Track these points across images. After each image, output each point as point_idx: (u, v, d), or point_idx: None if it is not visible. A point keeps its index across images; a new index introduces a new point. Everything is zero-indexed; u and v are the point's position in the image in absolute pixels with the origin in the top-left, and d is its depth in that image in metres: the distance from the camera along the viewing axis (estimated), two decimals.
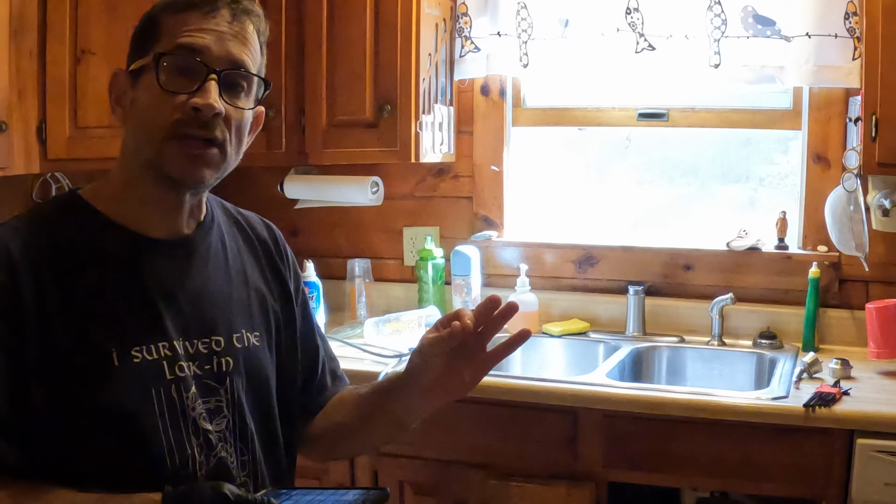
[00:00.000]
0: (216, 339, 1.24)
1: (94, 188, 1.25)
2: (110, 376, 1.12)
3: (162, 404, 1.16)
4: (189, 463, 1.17)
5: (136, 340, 1.15)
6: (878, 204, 2.35)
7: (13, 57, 2.39)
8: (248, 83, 1.21)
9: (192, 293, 1.24)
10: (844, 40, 2.36)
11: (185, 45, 1.15)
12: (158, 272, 1.21)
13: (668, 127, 2.70)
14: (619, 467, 2.11)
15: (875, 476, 1.90)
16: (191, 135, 1.16)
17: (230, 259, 1.32)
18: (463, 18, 2.71)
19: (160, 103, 1.16)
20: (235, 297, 1.29)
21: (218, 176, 1.24)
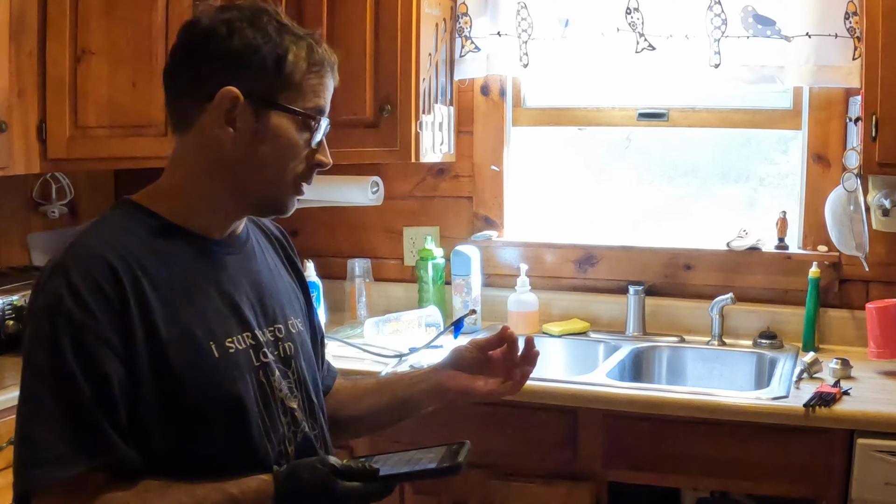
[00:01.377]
0: (279, 326, 1.34)
1: (149, 195, 1.31)
2: (213, 368, 1.21)
3: (255, 388, 1.25)
4: (283, 440, 1.28)
5: (227, 333, 1.25)
6: (878, 204, 2.35)
7: (13, 57, 2.39)
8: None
9: (254, 286, 1.33)
10: (844, 40, 2.36)
11: (319, 108, 1.28)
12: (226, 269, 1.30)
13: (668, 127, 2.70)
14: (619, 467, 2.11)
15: (875, 476, 1.90)
16: (309, 182, 1.31)
17: (265, 254, 1.42)
18: (463, 18, 2.71)
19: (298, 152, 1.27)
20: (280, 287, 1.40)
21: None
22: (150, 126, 2.66)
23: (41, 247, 2.97)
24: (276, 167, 1.27)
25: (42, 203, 2.94)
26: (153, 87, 2.64)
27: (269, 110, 1.24)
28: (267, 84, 1.23)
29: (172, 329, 1.18)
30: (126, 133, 2.63)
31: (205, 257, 1.28)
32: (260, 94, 1.23)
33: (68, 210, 3.02)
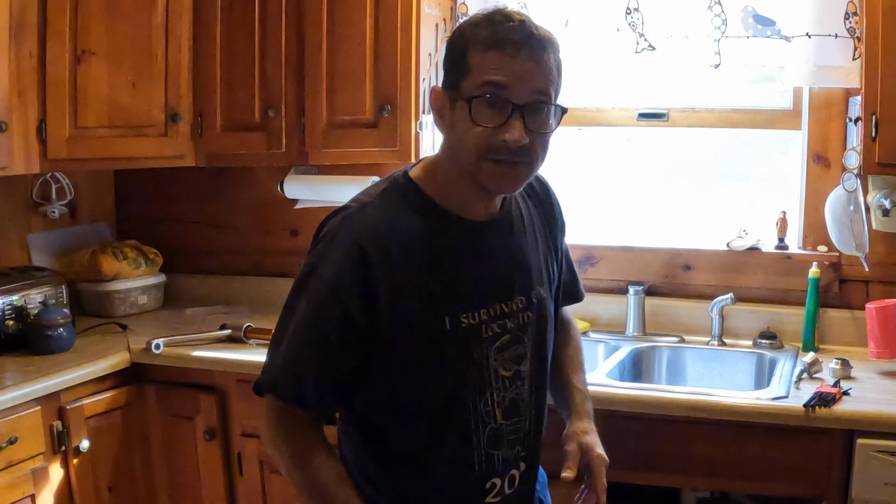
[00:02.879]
0: (521, 298, 1.50)
1: (424, 176, 1.47)
2: (444, 337, 1.40)
3: (475, 358, 1.44)
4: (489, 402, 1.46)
5: (464, 308, 1.42)
6: (878, 204, 2.35)
7: (13, 57, 2.39)
8: (549, 108, 1.39)
9: (503, 262, 1.49)
10: (844, 40, 2.36)
11: (491, 83, 1.34)
12: (478, 249, 1.46)
13: (668, 127, 2.70)
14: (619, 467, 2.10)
15: (875, 476, 1.90)
16: (501, 160, 1.37)
17: (526, 227, 1.55)
18: (463, 18, 2.71)
19: (473, 133, 1.36)
20: (533, 260, 1.54)
21: (529, 180, 1.47)
22: (150, 126, 2.66)
23: (41, 247, 2.97)
24: (464, 148, 1.39)
25: (42, 203, 2.94)
26: (153, 87, 2.65)
27: (457, 99, 1.38)
28: (454, 75, 1.39)
29: (414, 299, 1.38)
30: (126, 133, 2.63)
31: (461, 239, 1.44)
32: (450, 85, 1.40)
33: (68, 210, 3.02)
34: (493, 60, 1.34)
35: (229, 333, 2.58)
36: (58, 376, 2.27)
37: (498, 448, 1.49)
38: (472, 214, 1.46)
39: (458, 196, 1.44)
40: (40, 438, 2.21)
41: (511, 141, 1.35)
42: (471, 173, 1.40)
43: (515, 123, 1.35)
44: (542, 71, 1.36)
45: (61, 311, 2.55)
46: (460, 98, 1.37)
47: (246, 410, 2.43)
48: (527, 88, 1.35)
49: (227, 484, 2.49)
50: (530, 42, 1.35)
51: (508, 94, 1.34)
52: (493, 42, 1.34)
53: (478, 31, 1.37)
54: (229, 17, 2.68)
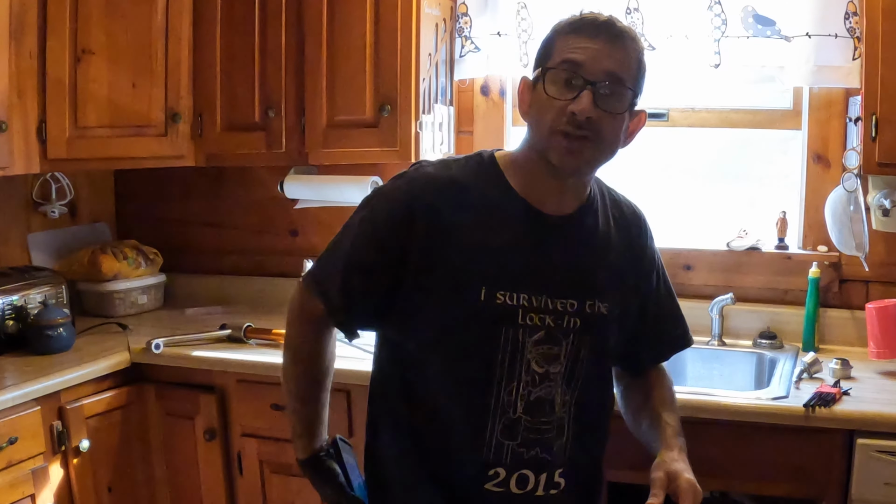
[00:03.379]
0: (572, 301, 1.50)
1: (507, 160, 1.54)
2: (474, 308, 1.44)
3: (507, 341, 1.46)
4: (513, 392, 1.48)
5: (504, 287, 1.45)
6: (878, 204, 2.35)
7: (13, 57, 2.39)
8: (621, 93, 1.44)
9: (563, 261, 1.50)
10: (844, 40, 2.36)
11: (567, 60, 1.42)
12: (541, 240, 1.49)
13: (668, 127, 2.70)
14: (619, 467, 2.10)
15: (875, 476, 1.90)
16: (568, 133, 1.41)
17: (599, 238, 1.56)
18: (463, 18, 2.71)
19: (547, 107, 1.43)
20: (597, 271, 1.54)
21: (594, 166, 1.50)
22: (150, 126, 2.66)
23: (41, 247, 2.97)
24: (539, 124, 1.45)
25: (42, 203, 2.94)
26: (153, 87, 2.65)
27: (538, 80, 1.46)
28: (539, 61, 1.49)
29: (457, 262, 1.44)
30: (126, 133, 2.63)
31: (526, 226, 1.49)
32: (535, 70, 1.49)
33: (68, 210, 3.02)
34: (574, 41, 1.42)
35: (229, 333, 2.58)
36: (58, 376, 2.27)
37: (511, 439, 1.49)
38: (543, 207, 1.50)
39: (533, 185, 1.50)
40: (40, 438, 2.21)
41: (578, 111, 1.39)
42: (543, 152, 1.46)
43: (585, 96, 1.40)
44: (617, 55, 1.43)
45: (61, 311, 2.55)
46: (539, 77, 1.45)
47: (246, 410, 2.44)
48: (600, 68, 1.41)
49: (227, 484, 2.49)
50: (611, 29, 1.43)
51: (583, 71, 1.41)
52: (576, 27, 1.44)
53: (566, 22, 1.47)
54: (229, 17, 2.68)
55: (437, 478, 1.53)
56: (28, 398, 2.17)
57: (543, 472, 1.52)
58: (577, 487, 1.58)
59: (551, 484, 1.54)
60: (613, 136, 1.46)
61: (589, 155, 1.45)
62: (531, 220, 1.50)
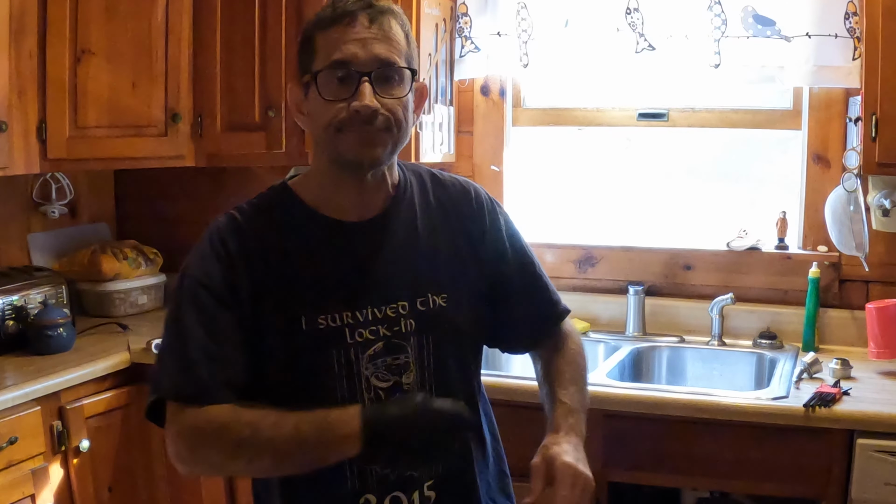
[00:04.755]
0: (402, 304, 1.41)
1: (301, 180, 1.47)
2: (297, 338, 1.36)
3: (340, 364, 1.37)
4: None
5: (323, 310, 1.37)
6: (878, 204, 2.35)
7: (13, 57, 2.39)
8: (398, 74, 1.36)
9: (382, 266, 1.41)
10: (844, 40, 2.36)
11: (336, 60, 1.33)
12: (349, 251, 1.41)
13: (668, 127, 2.70)
14: (619, 467, 2.11)
15: (875, 476, 1.90)
16: (356, 129, 1.34)
17: (420, 229, 1.46)
18: (463, 18, 2.71)
19: (327, 110, 1.34)
20: (422, 264, 1.44)
21: (392, 152, 1.41)
22: (150, 126, 2.66)
23: (41, 247, 2.97)
24: (321, 129, 1.37)
25: (42, 203, 2.94)
26: (153, 87, 2.64)
27: (308, 84, 1.37)
28: (303, 63, 1.38)
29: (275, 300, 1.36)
30: (126, 133, 2.63)
31: (333, 242, 1.40)
32: (301, 73, 1.39)
33: (68, 210, 3.02)
34: (335, 36, 1.33)
35: None
36: (58, 376, 2.27)
37: (372, 463, 1.37)
38: (345, 216, 1.42)
39: (330, 197, 1.42)
40: (40, 438, 2.21)
41: (361, 108, 1.32)
42: (333, 155, 1.38)
43: (364, 90, 1.32)
44: (383, 37, 1.35)
45: (61, 311, 2.55)
46: (310, 82, 1.36)
47: None
48: (370, 56, 1.33)
49: (227, 484, 2.49)
50: (368, 12, 1.34)
51: (354, 65, 1.33)
52: (332, 19, 1.34)
53: (319, 15, 1.37)
54: (229, 18, 2.68)
55: None
56: (28, 398, 2.17)
57: (415, 489, 1.41)
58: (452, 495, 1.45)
59: (423, 499, 1.42)
60: (403, 118, 1.39)
61: (385, 139, 1.37)
62: (334, 233, 1.41)
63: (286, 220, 1.42)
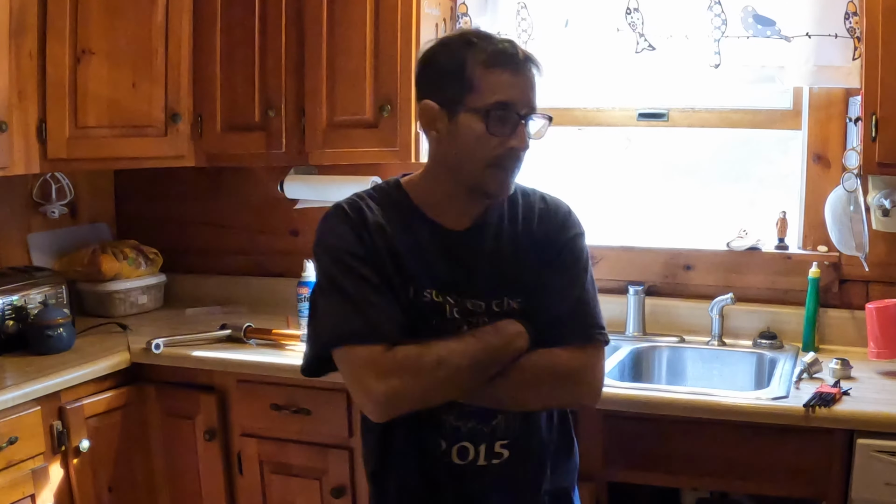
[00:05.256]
0: (479, 303, 1.61)
1: (413, 181, 1.67)
2: (407, 303, 1.58)
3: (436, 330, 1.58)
4: None
5: (427, 287, 1.59)
6: (878, 204, 2.35)
7: (13, 57, 2.39)
8: (544, 120, 1.59)
9: (471, 266, 1.62)
10: (844, 40, 2.36)
11: (502, 102, 1.51)
12: (447, 252, 1.61)
13: (668, 127, 2.70)
14: (619, 467, 2.11)
15: (875, 476, 1.90)
16: (507, 166, 1.56)
17: (504, 242, 1.64)
18: (463, 18, 2.71)
19: (485, 142, 1.53)
20: (503, 273, 1.63)
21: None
22: (150, 126, 2.67)
23: (41, 247, 2.97)
24: (471, 158, 1.55)
25: (42, 203, 2.94)
26: (153, 87, 2.65)
27: (458, 112, 1.54)
28: (452, 90, 1.54)
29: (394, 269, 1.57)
30: (126, 133, 2.63)
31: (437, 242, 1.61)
32: (448, 99, 1.54)
33: (68, 210, 3.02)
34: (502, 78, 1.52)
35: (229, 333, 2.58)
36: (58, 376, 2.27)
37: (448, 414, 1.61)
38: (445, 222, 1.62)
39: (439, 204, 1.62)
40: (40, 438, 2.21)
41: (519, 147, 1.54)
42: (472, 182, 1.57)
43: (521, 131, 1.54)
44: (534, 87, 1.55)
45: (61, 311, 2.55)
46: (465, 111, 1.53)
47: (246, 410, 2.44)
48: (527, 102, 1.54)
49: (227, 484, 2.49)
50: (527, 62, 1.54)
51: (516, 108, 1.53)
52: (499, 61, 1.52)
53: (473, 50, 1.53)
54: (229, 17, 2.68)
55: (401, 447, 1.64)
56: (28, 398, 2.17)
57: (482, 443, 1.63)
58: (522, 458, 1.65)
59: (493, 454, 1.64)
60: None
61: (515, 177, 1.61)
62: (434, 234, 1.61)
63: (397, 212, 1.62)
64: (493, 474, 1.64)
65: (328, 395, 2.33)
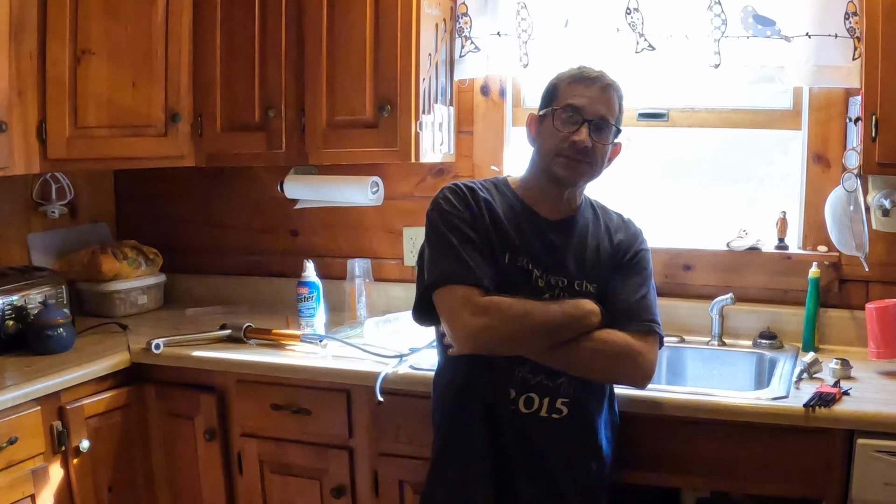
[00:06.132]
0: (562, 279, 1.94)
1: (515, 180, 2.03)
2: (503, 266, 1.90)
3: (525, 293, 1.88)
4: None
5: (521, 256, 1.92)
6: (878, 204, 2.35)
7: (13, 57, 2.39)
8: (607, 128, 1.92)
9: (560, 249, 1.96)
10: (844, 40, 2.36)
11: (571, 104, 1.90)
12: (541, 235, 1.95)
13: (667, 127, 2.70)
14: (620, 467, 2.11)
15: (875, 476, 1.90)
16: (569, 156, 1.90)
17: (589, 237, 2.00)
18: (463, 18, 2.71)
19: (554, 137, 1.92)
20: (586, 259, 1.97)
21: (586, 180, 1.97)
22: (150, 126, 2.67)
23: (41, 247, 2.98)
24: (546, 149, 1.94)
25: (42, 203, 2.94)
26: (153, 87, 2.65)
27: (545, 116, 1.95)
28: (545, 102, 1.97)
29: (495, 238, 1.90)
30: (126, 133, 2.63)
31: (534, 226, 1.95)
32: (541, 109, 1.97)
33: (68, 210, 3.02)
34: (575, 88, 1.92)
35: (229, 333, 2.58)
36: (58, 376, 2.27)
37: (521, 366, 1.89)
38: (542, 212, 1.97)
39: (535, 195, 1.98)
40: (40, 438, 2.21)
41: (579, 141, 1.88)
42: (547, 169, 1.93)
43: (583, 130, 1.89)
44: (606, 101, 1.91)
45: (61, 311, 2.55)
46: (549, 115, 1.93)
47: (246, 410, 2.44)
48: (594, 110, 1.89)
49: (227, 484, 2.49)
50: (602, 80, 1.93)
51: (582, 112, 1.89)
52: (576, 77, 1.94)
53: (568, 73, 1.96)
54: (229, 18, 2.68)
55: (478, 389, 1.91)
56: (28, 398, 2.17)
57: (546, 396, 1.90)
58: (577, 417, 1.92)
59: (553, 409, 1.91)
60: (601, 159, 1.94)
61: (586, 171, 1.93)
62: (531, 220, 1.96)
63: (502, 197, 1.97)
64: (551, 427, 1.91)
65: (328, 395, 2.33)
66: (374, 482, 2.32)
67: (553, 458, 1.91)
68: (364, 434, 2.33)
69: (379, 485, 2.32)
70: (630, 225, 2.09)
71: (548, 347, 1.85)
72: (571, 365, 1.87)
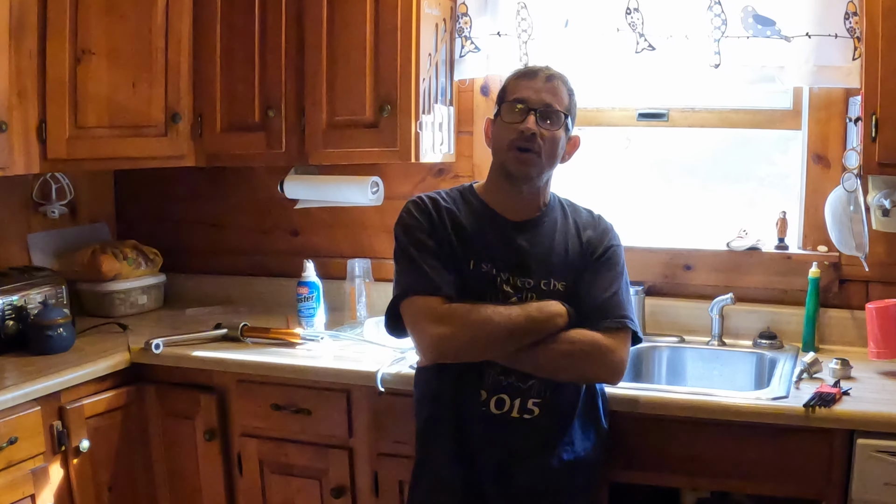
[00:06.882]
0: (528, 280, 1.95)
1: (480, 185, 2.06)
2: (468, 273, 1.93)
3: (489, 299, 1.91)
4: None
5: (484, 261, 1.94)
6: (878, 204, 2.35)
7: (13, 57, 2.39)
8: (555, 115, 1.93)
9: (524, 251, 1.96)
10: (844, 40, 2.36)
11: (517, 98, 1.93)
12: (507, 238, 1.97)
13: (668, 127, 2.70)
14: (620, 467, 2.11)
15: (875, 476, 1.90)
16: (520, 146, 1.91)
17: (557, 235, 2.00)
18: (463, 18, 2.71)
19: (504, 130, 1.94)
20: (553, 259, 1.97)
21: (540, 174, 1.95)
22: (149, 126, 2.67)
23: (41, 247, 2.98)
24: (499, 146, 1.96)
25: (42, 203, 2.94)
26: (153, 87, 2.65)
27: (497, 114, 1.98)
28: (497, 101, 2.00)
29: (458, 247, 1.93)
30: (126, 133, 2.63)
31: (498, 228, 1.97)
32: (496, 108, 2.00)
33: (68, 210, 3.02)
34: (521, 82, 1.95)
35: (225, 332, 2.57)
36: (58, 376, 2.27)
37: (492, 368, 1.91)
38: (506, 214, 1.98)
39: (498, 197, 2.00)
40: (40, 438, 2.21)
41: (525, 129, 1.89)
42: (502, 166, 1.95)
43: (530, 118, 1.90)
44: (551, 89, 1.93)
45: (61, 311, 2.55)
46: (497, 112, 1.96)
47: (246, 410, 2.44)
48: (539, 98, 1.91)
49: (227, 484, 2.49)
50: (546, 71, 1.96)
51: (527, 102, 1.91)
52: (521, 73, 1.98)
53: (514, 72, 2.00)
54: (229, 17, 2.68)
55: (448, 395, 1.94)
56: (28, 398, 2.17)
57: (518, 397, 1.92)
58: (549, 418, 1.93)
59: (525, 409, 1.92)
60: (553, 150, 1.94)
61: (535, 162, 1.92)
62: (495, 223, 1.98)
63: (467, 204, 2.00)
64: (523, 427, 1.92)
65: (328, 395, 2.33)
66: (374, 482, 2.32)
67: (524, 459, 1.91)
68: (364, 434, 2.33)
69: (379, 485, 2.32)
70: (600, 221, 2.07)
71: (513, 351, 1.86)
72: (539, 367, 1.88)
